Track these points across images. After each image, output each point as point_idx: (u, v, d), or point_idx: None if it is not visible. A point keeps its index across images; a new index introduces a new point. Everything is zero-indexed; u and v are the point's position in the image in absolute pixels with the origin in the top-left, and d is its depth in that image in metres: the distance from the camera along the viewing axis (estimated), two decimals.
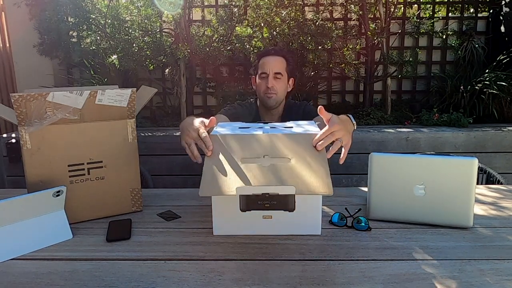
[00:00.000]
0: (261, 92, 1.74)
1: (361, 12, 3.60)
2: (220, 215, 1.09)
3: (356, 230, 1.10)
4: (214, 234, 1.09)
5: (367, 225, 1.10)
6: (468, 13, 4.00)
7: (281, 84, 1.73)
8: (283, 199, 1.06)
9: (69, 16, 3.35)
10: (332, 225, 1.13)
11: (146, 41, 3.38)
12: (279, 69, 1.72)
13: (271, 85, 1.70)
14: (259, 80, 1.76)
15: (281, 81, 1.73)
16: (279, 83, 1.72)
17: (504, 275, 0.86)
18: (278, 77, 1.72)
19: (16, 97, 1.06)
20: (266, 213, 1.08)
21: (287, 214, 1.07)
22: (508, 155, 3.01)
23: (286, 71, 1.76)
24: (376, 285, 0.83)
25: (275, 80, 1.72)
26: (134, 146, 1.25)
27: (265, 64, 1.72)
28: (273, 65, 1.71)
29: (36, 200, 1.03)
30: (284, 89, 1.77)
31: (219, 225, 1.09)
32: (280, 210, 1.07)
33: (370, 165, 1.13)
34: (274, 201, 1.06)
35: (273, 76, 1.71)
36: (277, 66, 1.72)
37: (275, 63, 1.72)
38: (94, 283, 0.85)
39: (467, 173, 1.05)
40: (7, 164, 2.99)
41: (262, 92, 1.74)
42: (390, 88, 3.65)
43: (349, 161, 2.99)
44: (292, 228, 1.08)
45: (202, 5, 3.83)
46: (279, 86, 1.73)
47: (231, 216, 1.08)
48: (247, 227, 1.09)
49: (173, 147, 3.00)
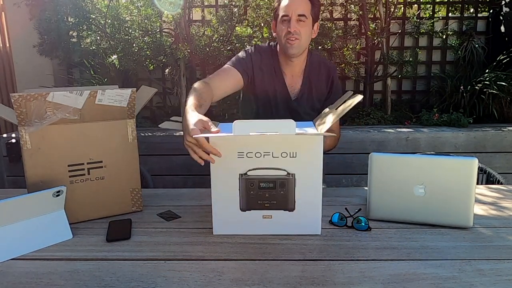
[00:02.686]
0: (282, 37, 1.51)
1: (361, 12, 3.60)
2: (220, 215, 1.09)
3: (356, 230, 1.10)
4: (214, 234, 1.09)
5: (367, 225, 1.10)
6: (468, 13, 4.00)
7: (305, 28, 1.50)
8: (283, 199, 1.06)
9: (69, 16, 3.35)
10: (332, 225, 1.13)
11: (146, 41, 3.38)
12: (303, 11, 1.49)
13: (293, 29, 1.47)
14: (279, 25, 1.53)
15: (305, 24, 1.50)
16: (303, 27, 1.49)
17: (504, 275, 0.86)
18: (302, 19, 1.49)
19: (16, 97, 1.06)
20: (266, 213, 1.08)
21: (287, 213, 1.07)
22: (508, 155, 3.01)
23: (310, 13, 1.51)
24: (376, 285, 0.83)
25: (298, 23, 1.48)
26: (134, 146, 1.25)
27: (287, 6, 1.49)
28: (296, 7, 1.48)
29: (36, 200, 1.03)
30: (308, 35, 1.54)
31: (219, 225, 1.09)
32: (280, 210, 1.07)
33: (370, 165, 1.13)
34: (274, 200, 1.07)
35: (296, 19, 1.48)
36: (301, 8, 1.49)
37: (299, 4, 1.49)
38: (94, 283, 0.85)
39: (467, 173, 1.05)
40: (7, 164, 2.99)
41: (283, 38, 1.51)
42: (390, 88, 3.65)
43: (349, 161, 3.00)
44: (292, 228, 1.08)
45: (202, 5, 3.83)
46: (303, 31, 1.50)
47: (231, 216, 1.08)
48: (247, 227, 1.09)
49: (173, 147, 3.00)
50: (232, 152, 1.04)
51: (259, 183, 1.06)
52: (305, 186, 1.06)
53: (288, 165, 1.05)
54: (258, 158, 1.04)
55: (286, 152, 1.04)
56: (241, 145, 1.04)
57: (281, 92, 1.60)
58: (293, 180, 1.05)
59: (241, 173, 1.06)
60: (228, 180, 1.07)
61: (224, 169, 1.06)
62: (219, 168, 1.06)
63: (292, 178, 1.05)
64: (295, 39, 1.48)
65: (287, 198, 1.06)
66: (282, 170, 1.05)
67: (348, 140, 2.98)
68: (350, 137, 2.98)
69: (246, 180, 1.06)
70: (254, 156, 1.04)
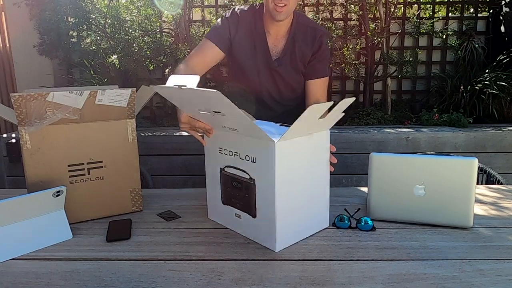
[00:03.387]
0: (270, 2, 1.46)
1: (361, 12, 3.60)
2: (211, 202, 1.17)
3: (360, 230, 1.09)
4: (208, 217, 1.17)
5: (372, 225, 1.09)
6: (468, 13, 4.00)
7: None
8: (247, 202, 1.03)
9: (69, 16, 3.35)
10: (335, 227, 1.12)
11: (146, 41, 3.38)
12: None
13: None
14: None
15: None
16: None
17: (504, 275, 0.86)
18: None
19: (16, 97, 1.06)
20: (237, 212, 1.08)
21: (251, 218, 1.03)
22: (508, 155, 3.01)
23: None
24: (376, 285, 0.83)
25: None
26: (134, 146, 1.25)
27: None
28: None
29: (36, 200, 1.03)
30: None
31: (211, 211, 1.18)
32: (246, 213, 1.05)
33: (370, 165, 1.13)
34: (242, 202, 1.05)
35: None
36: None
37: None
38: (94, 283, 0.85)
39: (467, 173, 1.05)
40: (7, 164, 2.99)
41: (271, 2, 1.45)
42: (390, 88, 3.65)
43: (349, 161, 3.00)
44: (254, 234, 1.04)
45: (202, 5, 3.83)
46: None
47: (217, 206, 1.15)
48: (226, 220, 1.13)
49: (173, 147, 3.00)
50: (215, 146, 1.10)
51: (232, 181, 1.07)
52: (262, 195, 0.99)
53: (250, 169, 1.00)
54: (231, 156, 1.06)
55: (248, 155, 1.00)
56: (221, 140, 1.08)
57: (263, 53, 1.57)
58: (254, 186, 1.00)
59: (221, 168, 1.10)
60: (215, 172, 1.12)
61: (211, 160, 1.13)
62: (210, 158, 1.14)
63: (253, 184, 1.00)
64: (283, 5, 1.44)
65: (249, 203, 1.02)
66: (246, 173, 1.02)
67: (348, 140, 2.98)
68: (350, 137, 2.98)
69: (224, 176, 1.09)
70: (229, 154, 1.06)
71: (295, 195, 1.00)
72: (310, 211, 1.06)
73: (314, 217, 1.08)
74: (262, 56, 1.58)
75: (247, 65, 1.59)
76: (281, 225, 0.97)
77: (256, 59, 1.58)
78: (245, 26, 1.56)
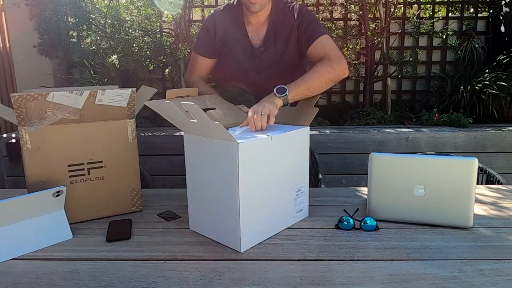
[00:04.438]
0: None
1: (361, 12, 3.60)
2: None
3: (364, 231, 1.09)
4: None
5: (376, 224, 1.09)
6: (468, 13, 4.00)
7: None
8: None
9: (69, 16, 3.35)
10: (338, 228, 1.12)
11: (146, 41, 3.38)
12: None
13: None
14: None
15: None
16: None
17: (504, 275, 0.86)
18: None
19: (16, 97, 1.06)
20: None
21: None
22: (508, 155, 3.01)
23: None
24: (376, 285, 0.83)
25: None
26: (134, 146, 1.25)
27: None
28: None
29: (36, 200, 1.03)
30: None
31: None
32: None
33: (370, 165, 1.13)
34: None
35: None
36: None
37: None
38: (94, 283, 0.85)
39: (467, 173, 1.05)
40: (7, 164, 2.99)
41: None
42: (390, 88, 3.65)
43: (349, 161, 3.00)
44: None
45: (202, 5, 3.83)
46: None
47: None
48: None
49: (173, 147, 3.00)
50: None
51: None
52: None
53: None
54: None
55: None
56: None
57: (245, 43, 1.57)
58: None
59: None
60: None
61: None
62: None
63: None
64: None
65: None
66: None
67: (348, 140, 2.98)
68: (350, 137, 2.98)
69: None
70: None
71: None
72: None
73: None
74: (245, 46, 1.58)
75: (232, 58, 1.61)
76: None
77: (239, 51, 1.59)
78: (223, 25, 1.57)
